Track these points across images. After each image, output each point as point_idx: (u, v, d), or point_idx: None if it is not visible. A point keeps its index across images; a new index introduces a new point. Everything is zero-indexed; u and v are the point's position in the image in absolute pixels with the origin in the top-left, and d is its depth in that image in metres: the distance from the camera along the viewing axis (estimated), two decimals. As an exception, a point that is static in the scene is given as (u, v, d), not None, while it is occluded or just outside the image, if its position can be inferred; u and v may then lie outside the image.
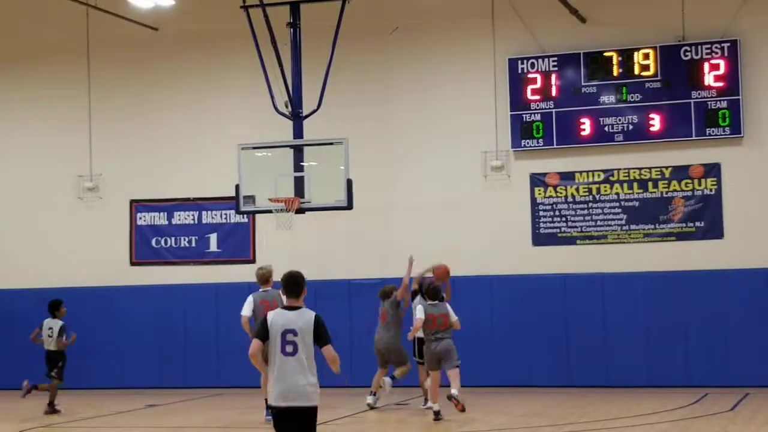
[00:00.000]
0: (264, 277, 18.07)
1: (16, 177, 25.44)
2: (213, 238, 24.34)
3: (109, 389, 23.28)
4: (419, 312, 17.43)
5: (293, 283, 9.83)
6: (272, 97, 19.79)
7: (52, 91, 25.36)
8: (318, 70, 19.85)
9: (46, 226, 25.16)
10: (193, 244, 24.50)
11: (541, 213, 22.68)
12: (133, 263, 24.76)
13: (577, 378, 21.60)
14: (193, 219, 24.52)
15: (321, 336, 9.49)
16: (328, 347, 9.50)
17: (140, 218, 24.84)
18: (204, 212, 24.39)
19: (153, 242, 24.73)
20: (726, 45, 21.69)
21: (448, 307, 17.76)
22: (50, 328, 19.70)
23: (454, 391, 16.82)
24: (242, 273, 23.44)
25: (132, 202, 24.84)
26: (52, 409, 19.47)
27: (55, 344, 19.61)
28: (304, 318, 9.53)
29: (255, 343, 9.47)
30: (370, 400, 19.07)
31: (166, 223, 24.68)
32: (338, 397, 20.29)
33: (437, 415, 17.27)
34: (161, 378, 20.21)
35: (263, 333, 9.50)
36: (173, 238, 24.62)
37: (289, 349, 9.40)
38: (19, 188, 25.41)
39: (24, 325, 24.65)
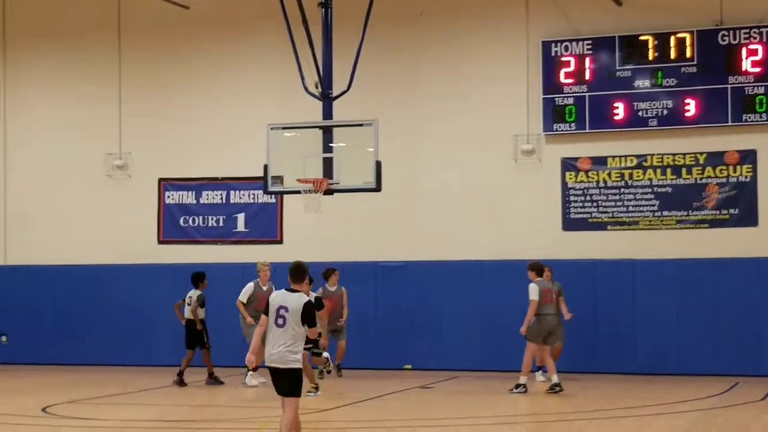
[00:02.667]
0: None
1: (46, 153, 25.60)
2: (240, 218, 24.40)
3: (137, 366, 23.41)
4: (534, 293, 18.68)
5: (298, 271, 11.76)
6: (302, 77, 19.77)
7: (83, 69, 25.49)
8: (348, 51, 19.81)
9: (74, 203, 25.30)
10: (221, 224, 24.57)
11: (571, 198, 22.61)
12: (160, 242, 24.87)
13: (605, 364, 21.53)
14: (221, 198, 24.58)
15: (306, 318, 11.39)
16: (311, 330, 11.53)
17: (168, 197, 24.92)
18: (232, 192, 24.44)
19: (181, 221, 24.82)
20: (764, 30, 21.53)
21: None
22: (189, 297, 20.31)
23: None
24: (269, 254, 23.50)
25: (160, 180, 24.94)
26: (213, 379, 20.35)
27: (191, 313, 20.25)
28: (298, 300, 11.44)
29: (263, 318, 11.64)
30: (542, 378, 19.76)
31: (194, 202, 24.75)
32: (361, 379, 20.40)
33: (555, 388, 18.34)
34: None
35: (266, 310, 11.55)
36: (201, 218, 24.70)
37: (280, 321, 11.41)
38: (49, 165, 25.56)
39: (50, 301, 24.95)
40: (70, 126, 25.48)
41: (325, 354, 18.47)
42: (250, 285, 20.14)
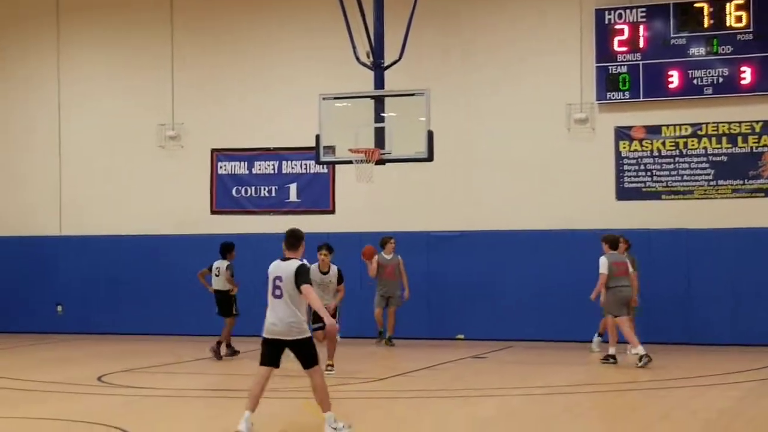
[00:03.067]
0: None
1: (99, 124, 25.82)
2: (293, 188, 24.48)
3: (188, 335, 23.58)
4: (602, 266, 18.59)
5: (292, 237, 11.86)
6: (354, 46, 19.73)
7: (135, 39, 25.64)
8: (400, 19, 19.77)
9: (127, 174, 25.56)
10: (273, 194, 24.68)
11: (625, 167, 22.49)
12: (213, 212, 25.01)
13: (659, 334, 21.39)
14: (274, 169, 24.66)
15: (298, 279, 11.32)
16: (305, 287, 11.34)
17: (221, 167, 25.04)
18: (284, 162, 24.52)
19: (233, 191, 24.94)
20: (822, -5, 21.32)
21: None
22: (218, 268, 20.30)
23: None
24: (322, 224, 23.61)
25: (213, 151, 25.07)
26: (231, 350, 20.25)
27: (222, 283, 20.21)
28: (290, 267, 11.44)
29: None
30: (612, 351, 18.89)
31: (247, 172, 24.86)
32: (413, 349, 20.45)
33: (643, 359, 18.00)
34: (239, 326, 20.39)
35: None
36: (253, 188, 24.81)
37: (277, 293, 11.45)
38: (102, 135, 25.80)
39: (104, 271, 25.20)
40: (123, 97, 25.67)
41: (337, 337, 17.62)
42: None
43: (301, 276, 11.43)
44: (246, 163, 24.88)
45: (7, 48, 26.50)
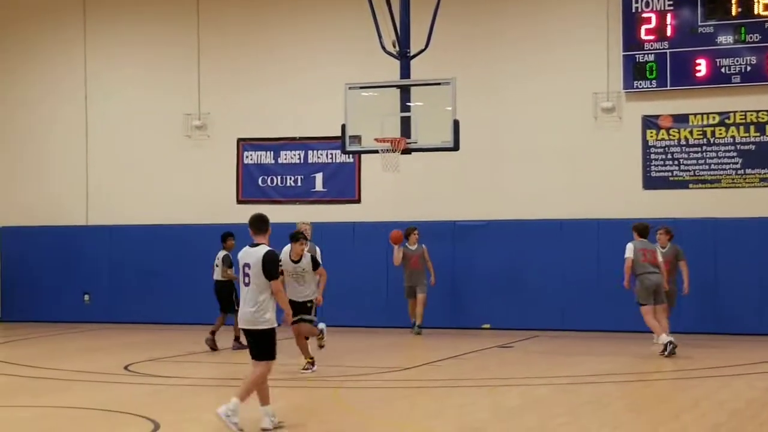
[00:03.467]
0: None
1: (126, 114, 25.94)
2: (318, 177, 24.51)
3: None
4: (628, 251, 18.55)
5: (259, 221, 11.64)
6: (380, 36, 19.77)
7: (162, 30, 25.75)
8: (426, 9, 19.76)
9: (154, 163, 25.66)
10: (299, 184, 24.72)
11: (652, 156, 22.43)
12: (239, 201, 25.05)
13: (685, 323, 21.34)
14: (299, 158, 24.70)
15: (266, 271, 11.10)
16: (274, 282, 11.16)
17: (247, 157, 25.09)
18: (310, 151, 24.55)
19: (259, 181, 25.01)
20: None
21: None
22: (216, 258, 20.04)
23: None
24: (347, 213, 23.68)
25: (239, 140, 25.13)
26: (239, 344, 19.24)
27: (220, 274, 19.91)
28: (257, 254, 11.20)
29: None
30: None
31: (273, 162, 24.90)
32: (439, 338, 20.45)
33: (667, 347, 17.90)
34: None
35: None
36: (279, 177, 24.85)
37: (246, 280, 11.27)
38: (128, 125, 25.92)
39: (131, 260, 25.32)
40: (149, 86, 25.79)
41: (321, 325, 16.92)
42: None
43: (269, 269, 11.21)
44: (272, 152, 24.91)
45: (34, 40, 26.59)
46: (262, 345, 11.36)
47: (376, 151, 19.55)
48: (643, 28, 22.35)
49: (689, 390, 14.95)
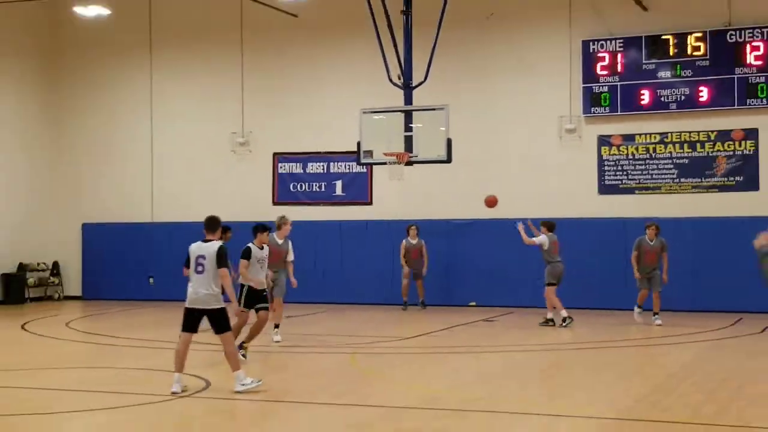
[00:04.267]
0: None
1: (185, 134, 25.95)
2: (338, 184, 24.49)
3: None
4: (545, 242, 18.85)
5: (212, 222, 11.78)
6: (388, 70, 19.74)
7: (213, 67, 25.72)
8: (425, 49, 19.71)
9: (206, 173, 25.66)
10: (323, 189, 24.68)
11: (606, 168, 22.44)
12: (275, 203, 24.99)
13: (632, 301, 21.33)
14: (323, 169, 24.68)
15: (218, 261, 11.22)
16: (222, 269, 11.24)
17: (281, 167, 25.09)
18: (332, 163, 24.54)
19: (291, 187, 24.97)
20: (765, 30, 21.17)
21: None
22: None
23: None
24: (361, 213, 23.73)
25: (275, 154, 25.11)
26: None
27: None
28: (212, 248, 11.34)
29: (185, 270, 11.74)
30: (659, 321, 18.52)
31: (302, 171, 24.89)
32: (435, 313, 20.45)
33: (566, 320, 18.46)
34: (299, 294, 20.45)
35: (188, 260, 11.61)
36: (307, 184, 24.82)
37: (199, 269, 11.34)
38: (186, 144, 25.91)
39: (183, 250, 25.24)
40: (203, 111, 25.81)
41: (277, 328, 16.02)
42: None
43: (222, 259, 11.28)
44: (301, 164, 24.90)
45: (115, 74, 26.63)
46: (221, 321, 11.42)
47: (385, 163, 19.53)
48: (599, 65, 22.34)
49: (635, 356, 15.02)
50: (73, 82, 26.92)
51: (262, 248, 15.23)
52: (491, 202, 19.04)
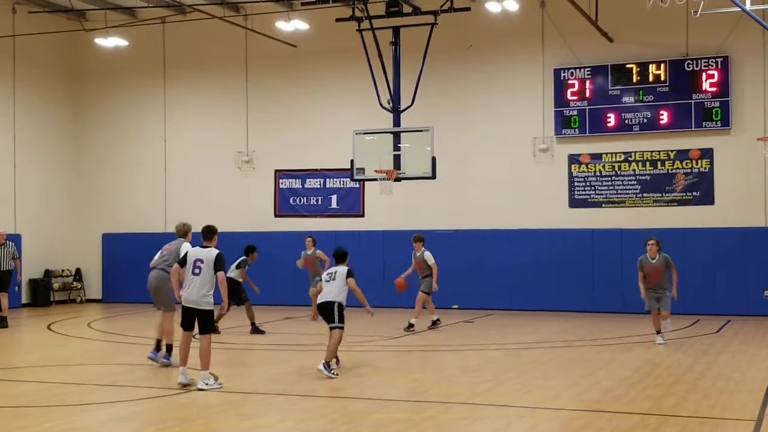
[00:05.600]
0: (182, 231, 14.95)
1: (193, 153, 25.94)
2: (334, 198, 24.48)
3: (257, 305, 23.62)
4: (430, 259, 18.09)
5: (209, 231, 11.76)
6: (378, 96, 19.76)
7: (221, 92, 25.76)
8: (412, 75, 19.76)
9: (214, 188, 25.64)
10: (319, 203, 24.69)
11: (575, 183, 22.48)
12: (276, 215, 25.06)
13: (600, 304, 21.44)
14: (320, 184, 24.67)
15: (217, 265, 11.27)
16: (220, 273, 11.29)
17: (282, 183, 25.07)
18: (328, 179, 24.54)
19: (290, 200, 24.96)
20: (719, 60, 21.27)
21: None
22: (237, 262, 18.19)
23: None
24: (354, 224, 23.75)
25: (276, 171, 25.11)
26: (255, 329, 17.88)
27: (239, 275, 18.02)
28: (210, 253, 11.39)
29: (175, 266, 11.85)
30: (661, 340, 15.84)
31: (301, 186, 24.89)
32: (421, 315, 20.49)
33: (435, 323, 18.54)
34: (297, 297, 20.45)
35: (183, 261, 11.62)
36: (305, 198, 24.82)
37: (196, 271, 11.29)
38: (197, 162, 25.92)
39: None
40: (211, 131, 25.83)
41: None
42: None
43: (220, 263, 11.33)
44: (300, 180, 24.90)
45: (129, 98, 26.65)
46: (207, 321, 11.42)
47: (376, 179, 19.55)
48: (569, 91, 22.42)
49: (602, 353, 14.99)
50: (96, 105, 26.94)
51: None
52: (400, 286, 18.34)
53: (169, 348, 13.39)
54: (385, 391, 11.49)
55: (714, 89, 21.34)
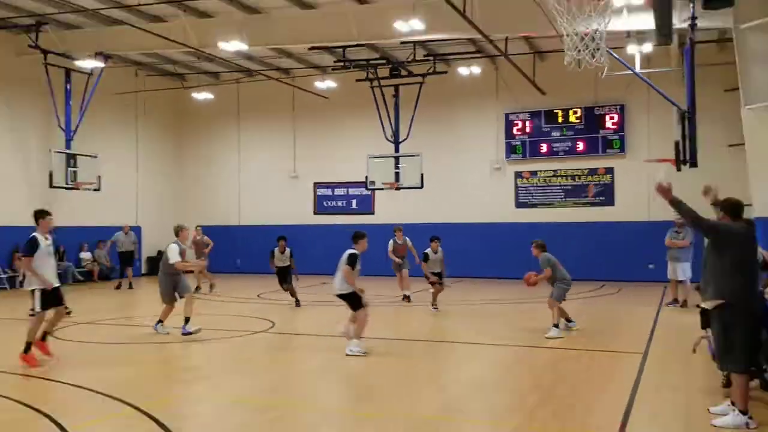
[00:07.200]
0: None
1: (258, 170, 25.90)
2: (354, 201, 24.42)
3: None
4: (391, 246, 14.83)
5: (355, 236, 10.01)
6: (384, 130, 19.84)
7: (275, 129, 25.67)
8: (408, 116, 19.83)
9: (272, 194, 25.56)
10: (344, 204, 24.60)
11: (520, 192, 22.44)
12: (315, 213, 25.03)
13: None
14: (344, 192, 24.61)
15: (349, 261, 9.55)
16: (345, 267, 9.54)
17: (318, 191, 25.02)
18: (349, 189, 24.46)
19: (324, 203, 24.93)
20: (618, 106, 21.24)
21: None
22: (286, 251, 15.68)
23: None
24: (367, 219, 23.67)
25: (314, 183, 25.07)
26: (297, 303, 15.25)
27: (285, 262, 15.55)
28: (345, 254, 9.75)
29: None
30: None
31: (331, 193, 24.84)
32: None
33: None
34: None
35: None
36: (334, 201, 24.78)
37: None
38: (260, 175, 25.85)
39: (258, 242, 25.20)
40: (270, 156, 25.74)
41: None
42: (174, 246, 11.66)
43: (350, 259, 9.65)
44: (331, 189, 24.83)
45: (214, 132, 26.67)
46: (354, 301, 9.62)
47: (383, 189, 19.64)
48: (515, 128, 22.37)
49: (522, 307, 14.89)
50: (192, 137, 26.90)
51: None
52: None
53: (187, 320, 11.09)
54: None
55: (614, 127, 21.30)
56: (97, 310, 14.78)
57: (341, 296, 9.64)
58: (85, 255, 22.33)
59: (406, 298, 16.14)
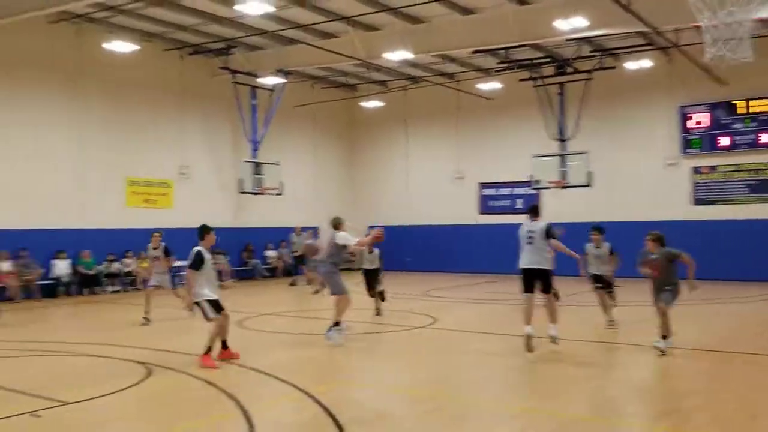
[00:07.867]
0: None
1: (424, 171, 26.05)
2: (519, 201, 23.76)
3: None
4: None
5: (533, 210, 9.61)
6: (547, 129, 19.15)
7: (440, 132, 25.60)
8: (573, 115, 19.03)
9: (435, 195, 25.55)
10: (508, 203, 24.15)
11: (698, 188, 20.64)
12: (480, 213, 24.80)
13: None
14: (509, 192, 24.20)
15: (547, 234, 9.17)
16: (553, 241, 9.17)
17: (483, 191, 24.82)
18: (514, 189, 23.96)
19: (489, 203, 24.69)
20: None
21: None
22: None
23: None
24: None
25: (479, 183, 24.90)
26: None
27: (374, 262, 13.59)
28: (538, 226, 9.34)
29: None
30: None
31: (495, 193, 24.54)
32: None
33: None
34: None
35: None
36: (499, 200, 24.44)
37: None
38: (427, 177, 25.94)
39: (432, 241, 25.27)
40: (436, 159, 25.77)
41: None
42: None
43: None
44: (495, 189, 24.52)
45: (383, 137, 27.22)
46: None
47: (548, 188, 19.01)
48: (690, 121, 20.77)
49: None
50: (363, 143, 27.63)
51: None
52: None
53: (337, 323, 10.18)
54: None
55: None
56: (276, 303, 15.66)
57: (540, 271, 8.99)
58: (271, 253, 23.97)
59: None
